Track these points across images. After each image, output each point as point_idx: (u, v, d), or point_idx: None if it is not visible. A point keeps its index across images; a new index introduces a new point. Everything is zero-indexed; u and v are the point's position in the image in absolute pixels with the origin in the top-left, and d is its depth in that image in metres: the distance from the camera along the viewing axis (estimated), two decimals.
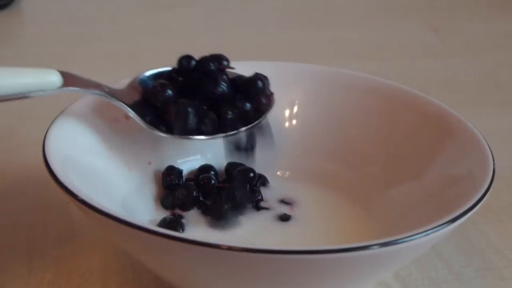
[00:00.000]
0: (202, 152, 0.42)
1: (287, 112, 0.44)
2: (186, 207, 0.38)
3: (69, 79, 0.35)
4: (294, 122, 0.44)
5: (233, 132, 0.38)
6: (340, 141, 0.42)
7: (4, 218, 0.41)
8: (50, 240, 0.39)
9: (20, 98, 0.34)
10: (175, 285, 0.34)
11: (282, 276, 0.29)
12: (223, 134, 0.38)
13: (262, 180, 0.41)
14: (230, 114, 0.38)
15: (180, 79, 0.39)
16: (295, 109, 0.44)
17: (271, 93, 0.40)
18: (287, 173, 0.43)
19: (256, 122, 0.39)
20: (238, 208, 0.38)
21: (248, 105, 0.39)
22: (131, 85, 0.38)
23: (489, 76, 0.65)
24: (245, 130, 0.39)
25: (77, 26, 0.75)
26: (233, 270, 0.29)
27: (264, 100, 0.39)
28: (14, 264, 0.37)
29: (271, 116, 0.43)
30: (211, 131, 0.38)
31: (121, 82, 0.38)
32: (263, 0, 0.86)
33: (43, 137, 0.34)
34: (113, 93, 0.37)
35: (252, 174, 0.40)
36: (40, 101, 0.37)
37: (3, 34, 0.73)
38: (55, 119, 0.36)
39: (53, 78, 0.35)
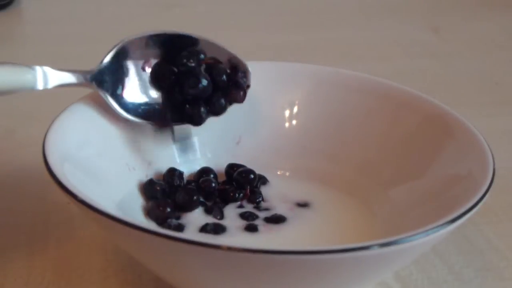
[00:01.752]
0: (203, 153, 0.42)
1: (287, 112, 0.44)
2: (186, 210, 0.38)
3: (44, 75, 0.35)
4: (294, 122, 0.44)
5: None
6: (340, 141, 0.42)
7: (4, 218, 0.41)
8: (50, 240, 0.39)
9: None
10: (175, 286, 0.34)
11: (282, 277, 0.29)
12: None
13: (263, 181, 0.41)
14: (203, 112, 0.39)
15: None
16: (295, 109, 0.44)
17: (248, 86, 0.40)
18: (287, 173, 0.43)
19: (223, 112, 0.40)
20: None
21: (222, 102, 0.39)
22: (115, 56, 0.41)
23: (489, 76, 0.65)
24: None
25: (77, 26, 0.75)
26: (233, 270, 0.29)
27: (239, 97, 0.40)
28: (14, 264, 0.37)
29: (272, 116, 0.44)
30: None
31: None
32: (262, 0, 0.86)
33: (43, 137, 0.34)
34: (88, 78, 0.37)
35: (252, 176, 0.40)
36: (40, 101, 0.37)
37: (3, 34, 0.73)
38: (55, 119, 0.36)
39: (29, 76, 0.35)
